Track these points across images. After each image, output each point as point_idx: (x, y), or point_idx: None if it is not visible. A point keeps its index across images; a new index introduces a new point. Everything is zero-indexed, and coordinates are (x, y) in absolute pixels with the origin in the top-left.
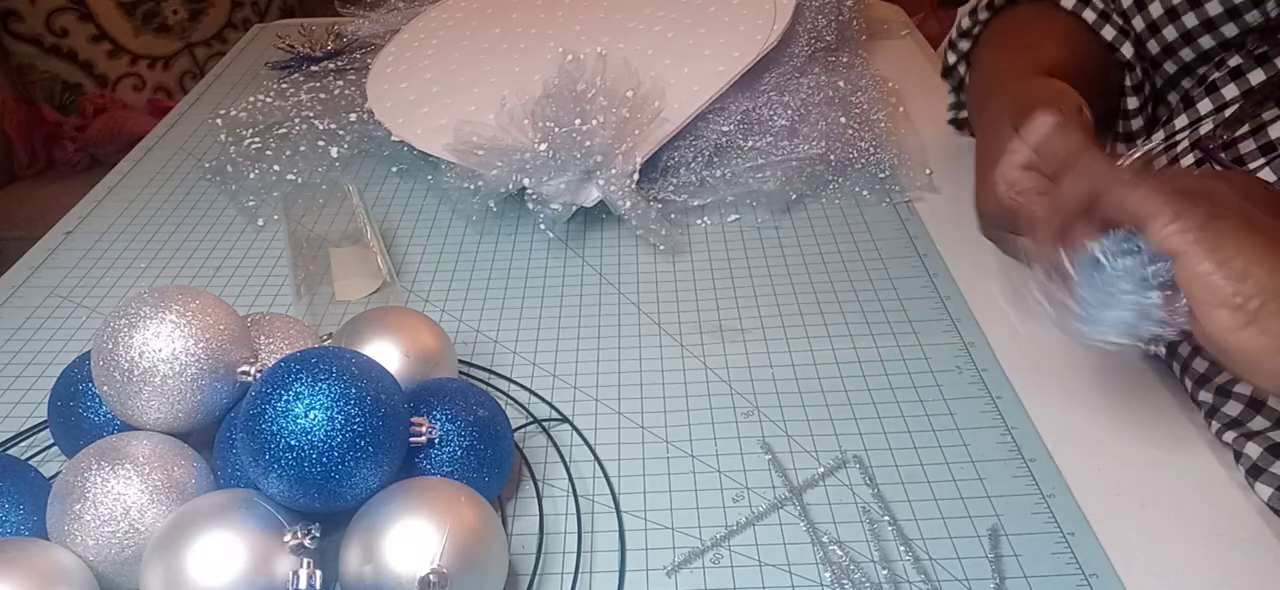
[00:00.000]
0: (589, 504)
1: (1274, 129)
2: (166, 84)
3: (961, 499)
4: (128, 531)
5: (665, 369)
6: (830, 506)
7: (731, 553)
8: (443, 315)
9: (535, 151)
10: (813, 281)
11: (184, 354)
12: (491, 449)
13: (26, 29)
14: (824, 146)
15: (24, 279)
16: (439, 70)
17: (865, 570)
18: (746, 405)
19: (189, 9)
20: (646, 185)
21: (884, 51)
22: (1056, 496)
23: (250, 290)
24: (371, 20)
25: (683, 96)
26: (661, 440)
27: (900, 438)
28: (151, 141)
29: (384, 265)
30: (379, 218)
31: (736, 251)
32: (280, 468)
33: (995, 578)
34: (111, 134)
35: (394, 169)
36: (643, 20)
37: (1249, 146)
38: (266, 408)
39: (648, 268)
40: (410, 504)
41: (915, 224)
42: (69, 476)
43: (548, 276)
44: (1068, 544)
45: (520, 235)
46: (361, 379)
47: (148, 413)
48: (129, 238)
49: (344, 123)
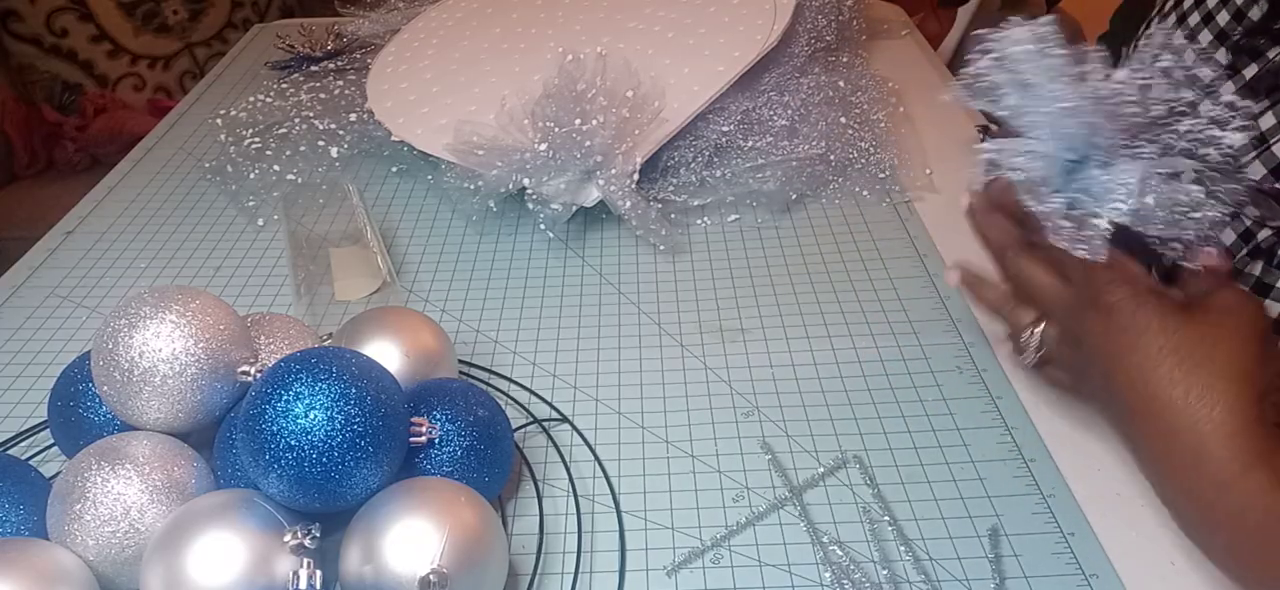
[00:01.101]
0: (589, 504)
1: (1263, 120)
2: (166, 84)
3: (961, 499)
4: (128, 531)
5: (665, 369)
6: (830, 506)
7: (731, 553)
8: (443, 315)
9: (535, 151)
10: (813, 281)
11: (184, 354)
12: (491, 449)
13: (26, 29)
14: (824, 146)
15: (24, 279)
16: (439, 70)
17: (865, 570)
18: (746, 405)
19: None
20: (646, 185)
21: (884, 51)
22: (1056, 496)
23: (250, 290)
24: (371, 20)
25: (683, 96)
26: (661, 440)
27: (900, 438)
28: (151, 141)
29: (384, 265)
30: (379, 218)
31: (736, 251)
32: (280, 468)
33: (995, 578)
34: (111, 134)
35: (394, 169)
36: (643, 20)
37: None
38: (266, 408)
39: (648, 268)
40: (410, 504)
41: (915, 224)
42: (69, 476)
43: (548, 276)
44: (1068, 544)
45: (520, 235)
46: (361, 379)
47: (148, 413)
48: (129, 238)
49: (344, 123)
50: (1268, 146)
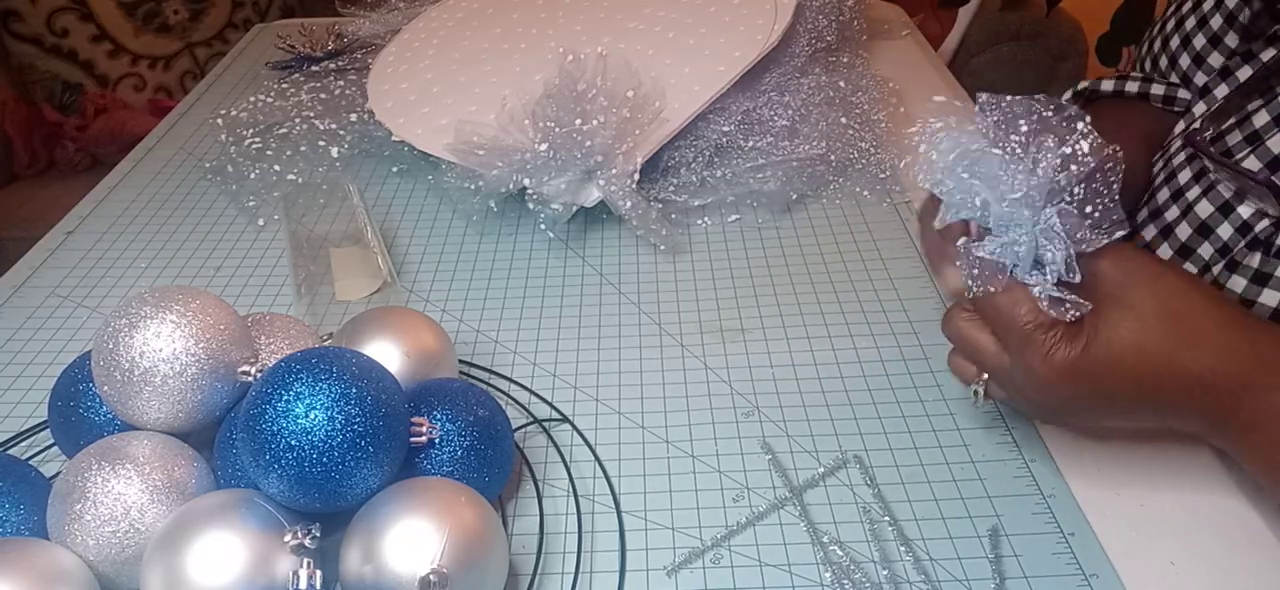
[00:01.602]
0: (589, 504)
1: (1258, 118)
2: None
3: (961, 499)
4: (128, 531)
5: (665, 369)
6: (830, 506)
7: (732, 553)
8: (443, 315)
9: (536, 151)
10: (813, 281)
11: (184, 354)
12: (492, 449)
13: (27, 29)
14: (824, 146)
15: (24, 279)
16: (440, 70)
17: (865, 570)
18: (746, 405)
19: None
20: (647, 185)
21: (884, 51)
22: (1056, 496)
23: (250, 290)
24: (371, 20)
25: (683, 96)
26: (661, 440)
27: (900, 438)
28: (152, 141)
29: (384, 265)
30: (379, 218)
31: (736, 251)
32: (280, 468)
33: (995, 578)
34: (112, 134)
35: (394, 169)
36: (643, 20)
37: (1235, 138)
38: (267, 408)
39: (648, 268)
40: (410, 504)
41: (915, 224)
42: (69, 476)
43: (548, 276)
44: (1068, 544)
45: (520, 235)
46: (362, 379)
47: (148, 413)
48: (129, 238)
49: (344, 123)
50: (1262, 142)
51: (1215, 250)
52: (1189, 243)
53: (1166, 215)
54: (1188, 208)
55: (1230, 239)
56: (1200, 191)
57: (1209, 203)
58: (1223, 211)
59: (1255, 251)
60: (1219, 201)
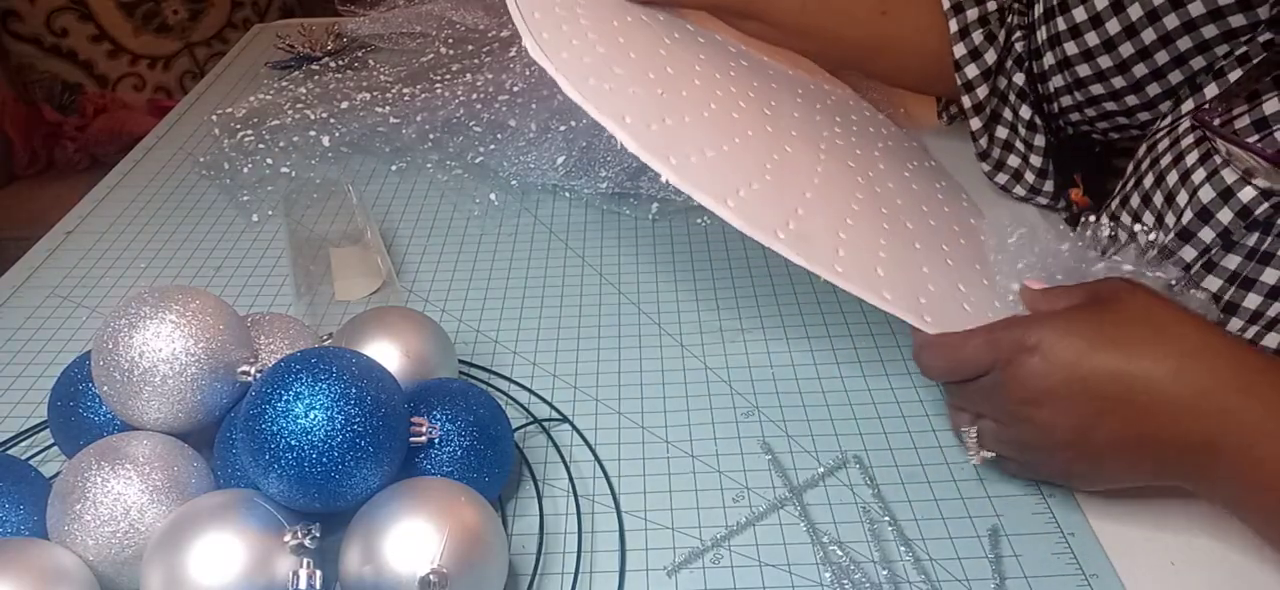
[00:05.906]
0: (589, 504)
1: (1269, 105)
2: (166, 84)
3: (961, 499)
4: (128, 531)
5: (665, 369)
6: (830, 506)
7: (731, 553)
8: (443, 315)
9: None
10: (813, 281)
11: (184, 354)
12: (491, 449)
13: (26, 29)
14: None
15: (24, 279)
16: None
17: (865, 570)
18: (746, 405)
19: (189, 9)
20: (649, 181)
21: None
22: (1056, 497)
23: (250, 290)
24: (371, 20)
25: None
26: (661, 440)
27: (900, 438)
28: (151, 141)
29: (384, 265)
30: (379, 217)
31: (737, 251)
32: (280, 468)
33: (995, 578)
34: (111, 134)
35: (393, 167)
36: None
37: (1244, 122)
38: (266, 408)
39: (648, 268)
40: (410, 504)
41: None
42: (69, 476)
43: (548, 276)
44: (1068, 544)
45: (520, 235)
46: (361, 379)
47: (148, 413)
48: (129, 238)
49: (335, 110)
50: (1270, 131)
51: (1216, 234)
52: (1190, 226)
53: (1177, 199)
54: (1193, 191)
55: (1230, 224)
56: (1205, 175)
57: (1212, 187)
58: (1224, 197)
59: (1253, 232)
60: (1221, 187)
